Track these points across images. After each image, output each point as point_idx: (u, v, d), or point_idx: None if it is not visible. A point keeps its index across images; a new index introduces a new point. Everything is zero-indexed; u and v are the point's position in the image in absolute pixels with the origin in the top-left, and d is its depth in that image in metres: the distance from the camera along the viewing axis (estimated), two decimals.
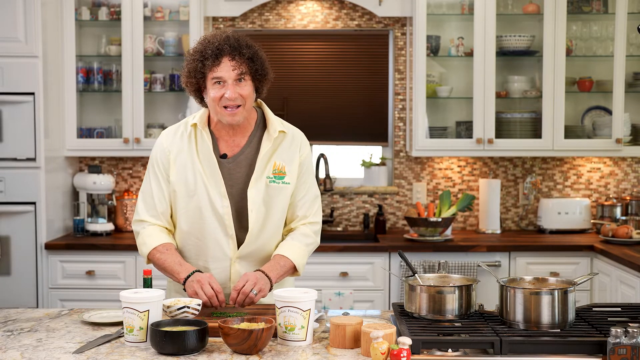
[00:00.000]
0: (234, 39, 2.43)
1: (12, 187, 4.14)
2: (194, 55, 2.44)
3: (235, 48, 2.41)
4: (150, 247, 2.50)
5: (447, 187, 4.79)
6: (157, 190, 2.53)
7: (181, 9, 4.52)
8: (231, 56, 2.40)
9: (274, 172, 2.51)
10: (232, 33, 2.47)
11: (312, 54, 4.83)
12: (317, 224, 2.63)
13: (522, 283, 2.28)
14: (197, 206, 2.49)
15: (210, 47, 2.41)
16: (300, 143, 2.59)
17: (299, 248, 2.55)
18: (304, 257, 2.57)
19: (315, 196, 2.62)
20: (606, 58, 4.53)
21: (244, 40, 2.45)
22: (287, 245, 2.55)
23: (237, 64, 2.40)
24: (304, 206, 2.59)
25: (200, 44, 2.46)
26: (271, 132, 2.51)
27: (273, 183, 2.51)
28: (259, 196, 2.49)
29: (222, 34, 2.45)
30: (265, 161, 2.51)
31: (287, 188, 2.54)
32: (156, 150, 2.56)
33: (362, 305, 4.21)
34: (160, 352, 2.01)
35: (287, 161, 2.54)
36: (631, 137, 4.59)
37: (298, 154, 2.56)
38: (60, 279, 4.21)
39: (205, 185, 2.48)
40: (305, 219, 2.59)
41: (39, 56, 4.12)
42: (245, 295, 2.36)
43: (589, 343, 1.99)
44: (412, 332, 2.06)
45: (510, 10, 4.57)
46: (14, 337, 2.20)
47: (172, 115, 4.71)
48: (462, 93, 4.65)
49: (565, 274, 4.17)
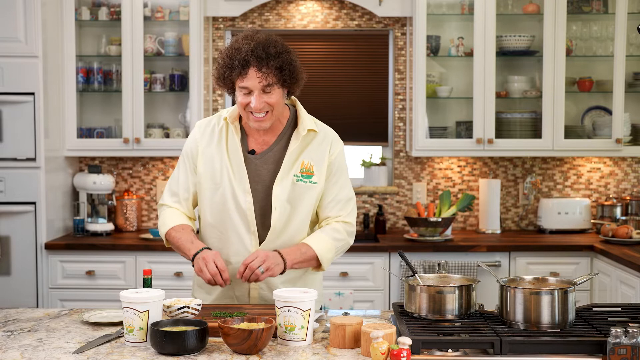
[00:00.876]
0: (262, 49, 2.35)
1: (12, 187, 4.14)
2: (222, 62, 2.40)
3: (262, 59, 2.34)
4: (168, 227, 2.54)
5: (447, 187, 4.79)
6: (183, 178, 2.57)
7: (181, 9, 4.52)
8: (258, 67, 2.34)
9: (301, 170, 2.49)
10: (261, 39, 2.38)
11: (312, 54, 4.83)
12: (351, 225, 2.58)
13: (522, 283, 2.28)
14: (221, 200, 2.50)
15: (237, 56, 2.35)
16: (331, 142, 2.56)
17: (325, 241, 2.51)
18: (330, 252, 2.51)
19: (348, 198, 2.58)
20: (606, 58, 4.53)
21: (273, 48, 2.37)
22: (314, 236, 2.52)
23: (264, 75, 2.35)
24: (336, 207, 2.55)
25: (228, 50, 2.40)
26: (300, 130, 2.49)
27: (300, 182, 2.49)
28: (284, 194, 2.48)
29: (251, 41, 2.37)
30: (293, 159, 2.49)
31: (315, 188, 2.51)
32: (189, 140, 2.59)
33: (362, 305, 4.21)
34: (160, 352, 2.01)
35: (316, 160, 2.51)
36: (631, 137, 4.59)
37: (328, 153, 2.53)
38: (60, 279, 4.21)
39: (230, 180, 2.48)
40: (338, 218, 2.55)
41: (39, 56, 4.12)
42: (251, 270, 2.36)
43: (589, 343, 1.99)
44: (412, 332, 2.06)
45: (510, 10, 4.57)
46: (14, 337, 2.20)
47: (172, 115, 4.72)
48: (462, 93, 4.65)
49: (565, 274, 4.17)
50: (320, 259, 2.49)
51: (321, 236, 2.51)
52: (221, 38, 4.77)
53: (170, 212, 2.59)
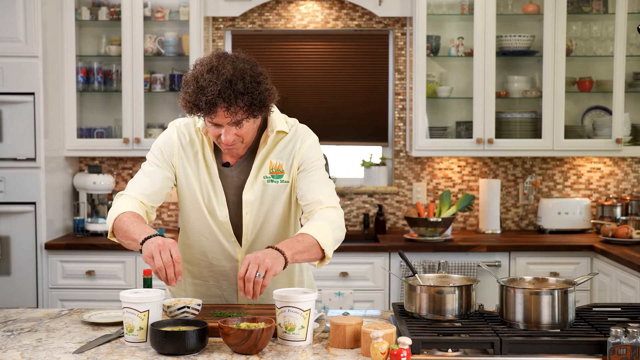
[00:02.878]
0: (229, 87, 2.18)
1: (12, 187, 4.14)
2: (187, 97, 2.23)
3: (230, 99, 2.19)
4: (118, 211, 2.31)
5: (447, 187, 4.79)
6: (151, 173, 2.45)
7: (181, 9, 4.52)
8: (226, 107, 2.20)
9: (270, 170, 2.43)
10: (228, 74, 2.19)
11: (312, 54, 4.83)
12: (338, 209, 2.37)
13: (522, 283, 2.28)
14: (202, 210, 2.47)
15: (202, 97, 2.19)
16: (300, 138, 2.45)
17: (320, 226, 2.29)
18: (328, 237, 2.28)
19: (323, 180, 2.41)
20: (606, 58, 4.53)
21: (242, 83, 2.20)
22: (307, 225, 2.32)
23: (233, 113, 2.22)
24: (312, 191, 2.38)
25: (192, 86, 2.22)
26: (268, 132, 2.43)
27: (271, 182, 2.43)
28: (254, 197, 2.44)
29: (217, 79, 2.19)
30: (261, 162, 2.43)
31: (287, 187, 2.45)
32: (164, 138, 2.49)
33: (362, 305, 4.21)
34: (160, 352, 2.01)
35: (285, 159, 2.44)
36: (631, 137, 4.59)
37: (295, 150, 2.44)
38: (60, 279, 4.21)
39: (208, 194, 2.45)
40: (321, 204, 2.36)
41: (39, 56, 4.12)
42: (251, 281, 2.07)
43: (589, 343, 1.99)
44: (412, 332, 2.06)
45: (510, 10, 4.57)
46: (14, 337, 2.20)
47: (172, 115, 4.71)
48: (462, 93, 4.65)
49: (565, 274, 4.17)
50: (321, 244, 2.26)
51: (312, 224, 2.32)
52: (221, 38, 4.77)
53: (125, 199, 2.38)
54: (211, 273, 2.54)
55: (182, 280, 2.57)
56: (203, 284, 2.56)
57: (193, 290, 2.58)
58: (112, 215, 2.34)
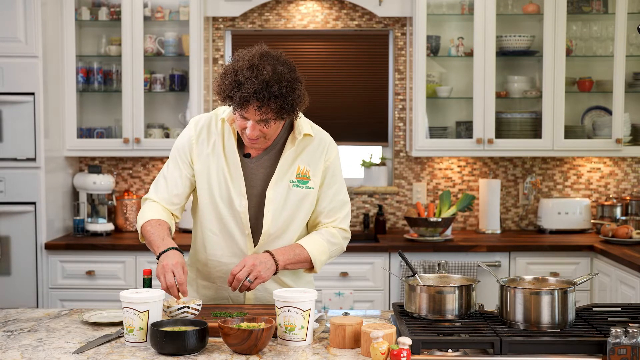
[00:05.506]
0: (265, 89, 2.24)
1: (12, 187, 4.14)
2: (223, 87, 2.31)
3: (263, 99, 2.25)
4: (144, 220, 2.46)
5: (447, 187, 4.79)
6: (171, 175, 2.52)
7: (181, 9, 4.52)
8: (258, 106, 2.27)
9: (297, 176, 2.47)
10: (267, 75, 2.25)
11: (312, 54, 4.83)
12: (347, 232, 2.57)
13: (522, 283, 2.28)
14: (216, 201, 2.48)
15: (237, 92, 2.27)
16: (328, 147, 2.52)
17: (320, 244, 2.49)
18: (324, 254, 2.49)
19: (343, 203, 2.56)
20: (606, 58, 4.53)
21: (277, 87, 2.25)
22: (308, 237, 2.51)
23: (263, 113, 2.28)
24: (331, 212, 2.53)
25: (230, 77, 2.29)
26: (296, 135, 2.46)
27: (297, 187, 2.47)
28: (278, 198, 2.46)
29: (255, 78, 2.25)
30: (289, 164, 2.47)
31: (311, 193, 2.49)
32: (183, 136, 2.53)
33: (362, 305, 4.21)
34: (160, 352, 2.01)
35: (312, 165, 2.49)
36: (631, 137, 4.59)
37: (324, 158, 2.50)
38: (60, 279, 4.21)
39: (226, 183, 2.46)
40: (333, 223, 2.54)
41: (39, 56, 4.12)
42: (239, 281, 2.32)
43: (589, 343, 1.99)
44: (412, 332, 2.06)
45: (510, 10, 4.57)
46: (14, 337, 2.20)
47: (172, 115, 4.72)
48: (462, 93, 4.65)
49: (565, 274, 4.17)
50: (313, 261, 2.46)
51: (316, 238, 2.50)
52: (221, 38, 4.77)
53: (149, 205, 2.52)
54: (219, 273, 2.54)
55: (190, 282, 2.60)
56: (210, 286, 2.57)
57: (200, 294, 2.59)
58: (139, 222, 2.50)
